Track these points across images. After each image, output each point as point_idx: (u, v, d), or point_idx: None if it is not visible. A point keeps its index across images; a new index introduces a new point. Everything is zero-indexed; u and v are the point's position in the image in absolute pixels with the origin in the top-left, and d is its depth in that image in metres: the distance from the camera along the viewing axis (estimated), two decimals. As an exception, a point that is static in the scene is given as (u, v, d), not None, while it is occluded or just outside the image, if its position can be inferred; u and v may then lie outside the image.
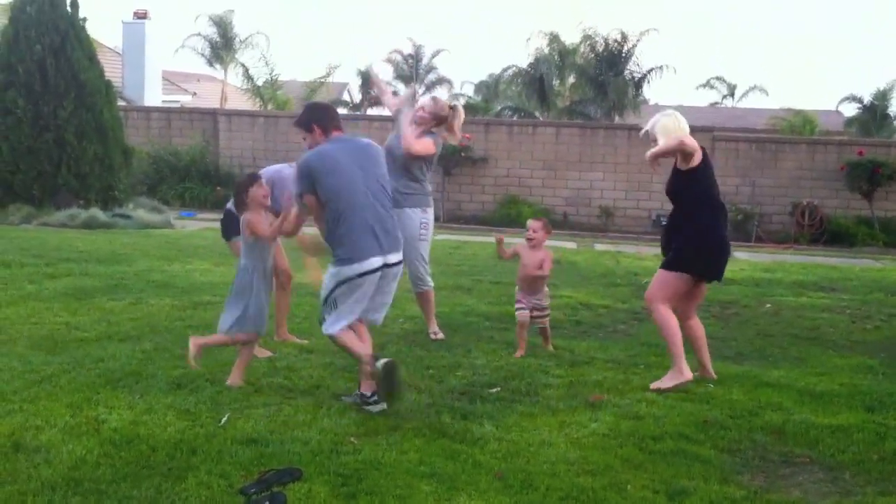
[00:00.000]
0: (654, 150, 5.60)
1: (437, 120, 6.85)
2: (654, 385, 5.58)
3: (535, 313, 6.51)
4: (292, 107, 28.05)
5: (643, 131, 5.81)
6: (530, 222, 6.61)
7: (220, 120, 21.05)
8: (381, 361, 4.81)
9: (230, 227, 6.34)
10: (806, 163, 19.17)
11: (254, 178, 5.41)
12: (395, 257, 5.09)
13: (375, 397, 4.93)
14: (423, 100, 7.03)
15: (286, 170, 6.19)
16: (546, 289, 6.61)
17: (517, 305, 6.55)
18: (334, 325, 5.00)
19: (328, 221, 5.03)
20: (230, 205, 6.24)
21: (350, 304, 4.98)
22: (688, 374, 5.58)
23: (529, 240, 6.50)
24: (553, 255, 6.66)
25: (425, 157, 6.77)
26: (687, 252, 5.62)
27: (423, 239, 6.90)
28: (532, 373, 5.90)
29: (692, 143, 5.51)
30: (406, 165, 6.70)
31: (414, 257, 6.81)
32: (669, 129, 5.60)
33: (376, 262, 4.96)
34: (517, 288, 6.62)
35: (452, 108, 6.90)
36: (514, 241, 6.97)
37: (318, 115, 5.33)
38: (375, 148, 5.32)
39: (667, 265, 5.72)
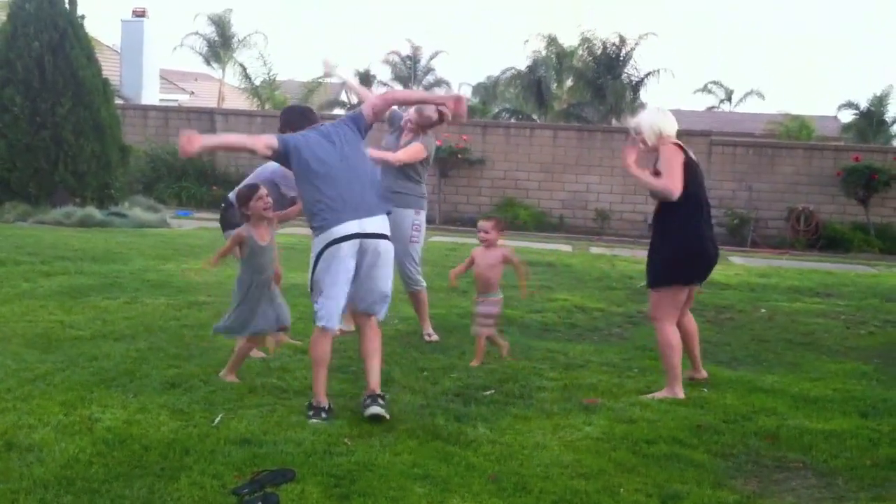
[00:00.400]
0: (635, 172, 5.55)
1: (428, 126, 6.83)
2: (644, 397, 5.56)
3: (480, 319, 6.30)
4: (290, 107, 27.98)
5: (631, 128, 5.76)
6: (481, 223, 6.50)
7: (217, 119, 21.03)
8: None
9: (229, 220, 6.29)
10: (802, 168, 19.19)
11: (254, 190, 5.34)
12: (372, 224, 4.91)
13: (368, 401, 4.91)
14: (410, 112, 6.96)
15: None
16: (500, 294, 6.41)
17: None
18: (321, 315, 4.90)
19: (303, 196, 5.01)
20: (232, 195, 6.18)
21: (332, 283, 4.85)
22: (680, 396, 5.54)
23: (483, 241, 6.45)
24: (512, 252, 6.49)
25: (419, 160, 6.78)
26: (669, 263, 5.59)
27: (414, 241, 6.89)
28: (526, 376, 5.90)
29: (677, 187, 5.40)
30: (401, 166, 6.70)
31: (404, 258, 6.78)
32: (656, 126, 5.56)
33: (350, 226, 4.83)
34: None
35: (441, 114, 6.74)
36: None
37: (292, 119, 5.31)
38: (347, 125, 5.14)
39: (654, 283, 5.68)
